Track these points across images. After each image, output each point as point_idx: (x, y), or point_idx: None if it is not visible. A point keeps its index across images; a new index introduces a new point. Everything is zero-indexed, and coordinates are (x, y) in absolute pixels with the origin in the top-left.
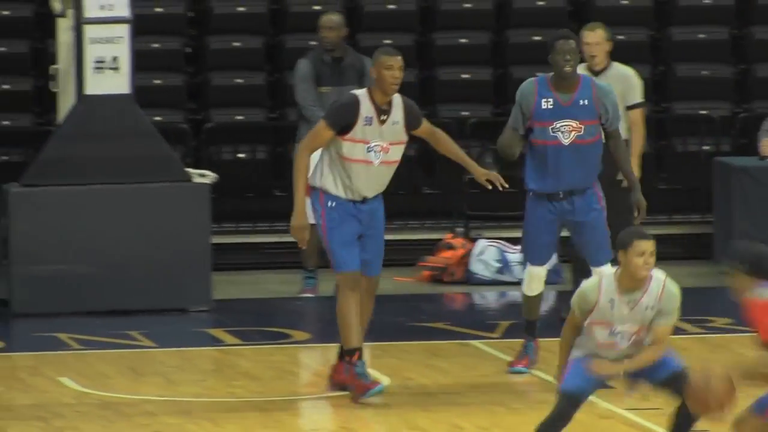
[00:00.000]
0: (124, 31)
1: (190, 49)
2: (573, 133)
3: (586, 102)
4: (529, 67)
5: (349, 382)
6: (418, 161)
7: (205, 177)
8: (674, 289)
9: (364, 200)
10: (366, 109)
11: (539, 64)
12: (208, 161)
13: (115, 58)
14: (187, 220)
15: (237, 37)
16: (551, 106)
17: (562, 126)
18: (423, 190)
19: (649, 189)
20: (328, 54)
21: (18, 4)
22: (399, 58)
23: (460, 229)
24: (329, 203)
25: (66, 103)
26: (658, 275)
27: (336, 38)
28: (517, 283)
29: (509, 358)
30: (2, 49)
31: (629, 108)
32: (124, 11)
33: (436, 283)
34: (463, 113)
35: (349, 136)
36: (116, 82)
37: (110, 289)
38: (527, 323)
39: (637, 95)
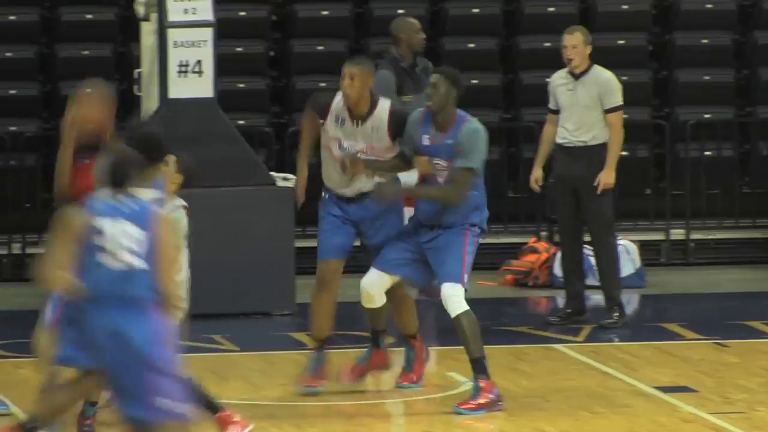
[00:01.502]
0: (207, 34)
1: (274, 53)
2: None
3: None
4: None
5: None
6: (502, 165)
7: (288, 180)
8: None
9: (349, 200)
10: (339, 107)
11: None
12: (291, 165)
13: (198, 62)
14: (271, 223)
15: (320, 40)
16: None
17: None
18: (507, 194)
19: (733, 193)
20: (407, 60)
21: (102, 7)
22: (350, 67)
23: (544, 233)
24: (324, 195)
25: (149, 106)
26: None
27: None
28: (600, 287)
29: (593, 362)
30: (86, 52)
31: (607, 111)
32: (208, 15)
33: (520, 286)
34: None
35: (325, 126)
36: (199, 86)
37: (194, 293)
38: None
39: (616, 99)
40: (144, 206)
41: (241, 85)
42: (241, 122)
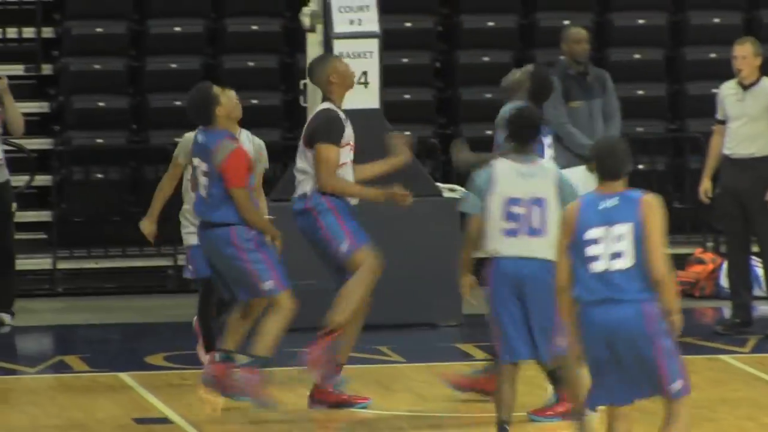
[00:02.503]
0: (373, 46)
1: (440, 64)
2: None
3: None
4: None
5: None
6: (668, 175)
7: (454, 192)
8: None
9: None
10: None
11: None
12: (457, 176)
13: (364, 73)
14: (437, 234)
15: (486, 51)
16: None
17: None
18: (673, 205)
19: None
20: (574, 68)
21: (268, 19)
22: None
23: (710, 244)
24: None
25: None
26: None
27: (587, 51)
28: (767, 298)
29: (760, 373)
30: (251, 63)
31: None
32: (374, 26)
33: (686, 297)
34: None
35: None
36: (365, 97)
37: None
38: None
39: None
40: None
41: (407, 96)
42: (407, 133)
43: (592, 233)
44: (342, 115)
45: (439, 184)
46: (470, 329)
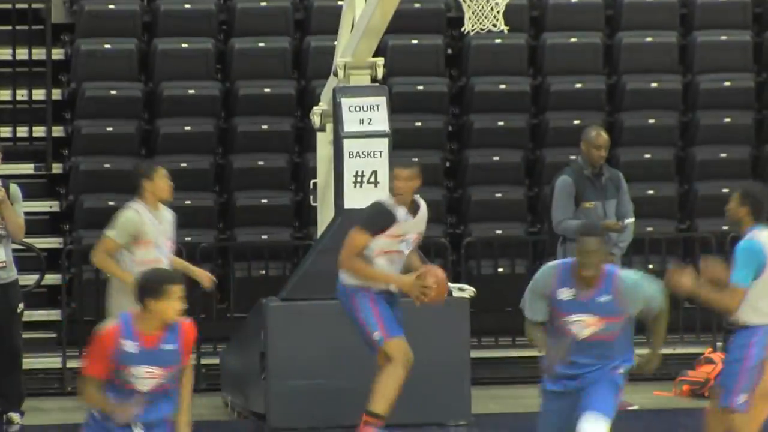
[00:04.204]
0: (383, 145)
1: (449, 163)
2: None
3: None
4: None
5: None
6: None
7: (464, 291)
8: None
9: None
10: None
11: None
12: (466, 275)
13: (374, 172)
14: (447, 333)
15: (496, 151)
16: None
17: None
18: (682, 304)
19: None
20: (590, 168)
21: (278, 118)
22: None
23: (719, 343)
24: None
25: (325, 217)
26: None
27: (604, 158)
28: None
29: None
30: (261, 163)
31: None
32: (383, 126)
33: (696, 397)
34: None
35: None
36: (375, 197)
37: (365, 403)
38: None
39: None
40: None
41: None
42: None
43: None
44: (393, 209)
45: (449, 283)
46: (479, 429)
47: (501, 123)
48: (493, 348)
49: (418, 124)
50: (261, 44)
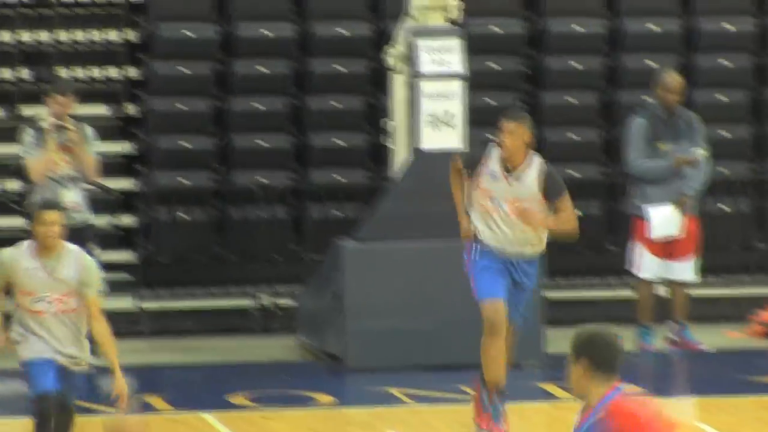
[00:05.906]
0: (458, 87)
1: (527, 104)
2: None
3: None
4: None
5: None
6: (751, 216)
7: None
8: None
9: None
10: (493, 161)
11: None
12: None
13: (450, 114)
14: None
15: (571, 92)
16: None
17: None
18: (755, 245)
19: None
20: (664, 111)
21: (353, 60)
22: (507, 122)
23: None
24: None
25: (400, 158)
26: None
27: (678, 101)
28: None
29: None
30: (337, 104)
31: None
32: (459, 67)
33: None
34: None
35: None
36: (450, 138)
37: (442, 344)
38: None
39: None
40: None
41: (492, 137)
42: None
43: None
44: (486, 151)
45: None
46: (553, 369)
47: (576, 65)
48: (566, 288)
49: (494, 65)
50: None
